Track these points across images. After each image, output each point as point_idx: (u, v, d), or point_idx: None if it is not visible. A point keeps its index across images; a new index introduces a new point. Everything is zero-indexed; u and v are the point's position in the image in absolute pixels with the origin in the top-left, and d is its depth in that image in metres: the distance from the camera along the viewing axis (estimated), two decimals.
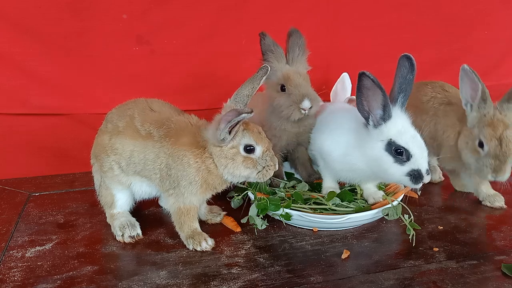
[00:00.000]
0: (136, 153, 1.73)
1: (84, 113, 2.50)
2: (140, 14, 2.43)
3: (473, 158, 1.89)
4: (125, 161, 1.75)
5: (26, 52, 2.32)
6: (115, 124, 1.78)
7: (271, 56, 1.97)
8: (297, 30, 2.00)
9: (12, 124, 2.43)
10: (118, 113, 1.80)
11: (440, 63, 3.01)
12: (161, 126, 1.72)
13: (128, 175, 1.79)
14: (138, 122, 1.73)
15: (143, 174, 1.76)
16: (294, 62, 1.97)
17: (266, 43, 1.98)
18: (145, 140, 1.72)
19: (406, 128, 1.70)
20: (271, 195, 1.95)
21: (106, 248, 1.75)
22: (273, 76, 1.97)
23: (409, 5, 2.84)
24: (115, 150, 1.76)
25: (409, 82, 1.73)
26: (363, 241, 1.79)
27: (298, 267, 1.63)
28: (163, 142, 1.70)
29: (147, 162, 1.72)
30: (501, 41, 3.07)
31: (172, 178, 1.70)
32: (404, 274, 1.59)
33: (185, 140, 1.69)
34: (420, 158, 1.68)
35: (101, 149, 1.80)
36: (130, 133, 1.73)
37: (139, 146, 1.72)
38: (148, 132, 1.71)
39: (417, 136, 1.70)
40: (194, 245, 1.72)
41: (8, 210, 2.03)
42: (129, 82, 2.51)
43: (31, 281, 1.55)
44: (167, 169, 1.70)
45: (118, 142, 1.75)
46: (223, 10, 2.53)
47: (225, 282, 1.54)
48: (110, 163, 1.78)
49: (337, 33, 2.71)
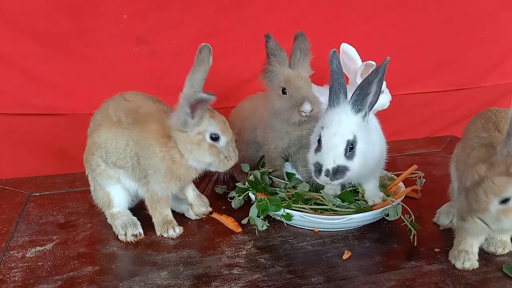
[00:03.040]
0: (109, 141, 1.76)
1: (84, 113, 2.49)
2: (140, 14, 2.43)
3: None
4: (105, 152, 1.78)
5: (26, 52, 2.32)
6: (95, 120, 1.84)
7: (273, 59, 1.98)
8: (303, 33, 2.00)
9: (12, 124, 2.42)
10: (98, 110, 1.86)
11: (440, 63, 3.01)
12: (129, 113, 1.75)
13: (114, 167, 1.81)
14: (111, 110, 1.78)
15: (118, 165, 1.78)
16: (296, 65, 1.97)
17: (270, 46, 1.99)
18: (116, 127, 1.74)
19: (335, 124, 1.70)
20: (272, 195, 1.95)
21: (106, 248, 1.75)
22: (275, 79, 1.97)
23: (409, 5, 2.84)
24: (96, 144, 1.79)
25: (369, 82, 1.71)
26: (364, 242, 1.79)
27: (299, 268, 1.63)
28: (131, 129, 1.73)
29: (118, 150, 1.75)
30: (501, 41, 3.07)
31: (142, 166, 1.74)
32: (406, 275, 1.59)
33: (152, 127, 1.71)
34: (325, 154, 1.69)
35: (87, 150, 1.85)
36: (105, 123, 1.78)
37: (111, 134, 1.75)
38: (118, 118, 1.75)
39: (337, 135, 1.69)
40: (162, 231, 1.80)
41: (8, 210, 2.03)
42: (129, 82, 2.50)
43: (31, 281, 1.55)
44: (137, 157, 1.74)
45: (97, 136, 1.79)
46: (223, 10, 2.53)
47: (226, 283, 1.54)
48: (96, 159, 1.81)
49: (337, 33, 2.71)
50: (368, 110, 1.75)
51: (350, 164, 1.70)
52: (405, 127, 2.97)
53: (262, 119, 2.09)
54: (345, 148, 1.68)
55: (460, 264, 1.62)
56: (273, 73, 1.99)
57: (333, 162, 1.69)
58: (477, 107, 3.16)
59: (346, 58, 2.40)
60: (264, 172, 2.07)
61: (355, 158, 1.71)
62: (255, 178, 2.03)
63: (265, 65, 2.01)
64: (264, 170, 2.07)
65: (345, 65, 2.40)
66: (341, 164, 1.69)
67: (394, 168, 2.17)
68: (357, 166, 1.71)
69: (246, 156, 2.20)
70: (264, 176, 2.06)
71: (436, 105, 3.10)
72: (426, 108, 3.09)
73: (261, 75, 2.04)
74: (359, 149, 1.71)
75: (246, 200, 2.01)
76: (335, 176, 1.70)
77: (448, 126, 3.09)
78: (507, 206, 1.44)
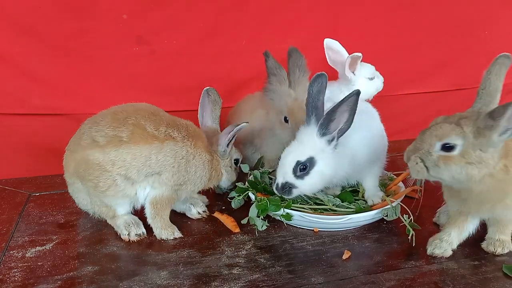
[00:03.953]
0: (154, 155, 1.74)
1: (84, 113, 2.48)
2: (140, 14, 2.42)
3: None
4: (137, 169, 1.73)
5: (26, 52, 2.31)
6: (112, 136, 1.71)
7: (273, 79, 1.98)
8: (296, 49, 2.00)
9: (12, 124, 2.42)
10: (110, 125, 1.73)
11: (440, 63, 3.00)
12: (178, 128, 1.82)
13: (136, 183, 1.77)
14: (150, 127, 1.75)
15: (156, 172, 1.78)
16: (296, 84, 1.97)
17: (269, 65, 1.99)
18: (163, 142, 1.76)
19: (293, 143, 1.81)
20: (271, 195, 1.95)
21: (106, 248, 1.75)
22: (276, 99, 1.98)
23: (409, 5, 2.83)
24: (121, 162, 1.71)
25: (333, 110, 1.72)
26: (364, 242, 1.79)
27: (299, 268, 1.63)
28: (185, 142, 1.82)
29: (165, 161, 1.77)
30: (501, 41, 3.07)
31: (188, 174, 1.84)
32: (405, 275, 1.59)
33: (201, 143, 1.88)
34: (278, 169, 1.82)
35: (91, 167, 1.72)
36: (142, 139, 1.72)
37: (157, 148, 1.75)
38: (168, 134, 1.78)
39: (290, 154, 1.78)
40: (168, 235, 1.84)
41: (8, 210, 2.03)
42: (129, 82, 2.51)
43: (31, 281, 1.55)
44: (185, 166, 1.82)
45: (125, 153, 1.71)
46: (223, 10, 2.53)
47: (226, 283, 1.54)
48: (113, 178, 1.72)
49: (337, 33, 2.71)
50: (337, 136, 1.76)
51: (299, 183, 1.77)
52: (405, 127, 2.96)
53: (260, 122, 2.10)
54: (293, 168, 1.76)
55: (431, 249, 1.68)
56: (274, 93, 1.99)
57: (282, 178, 1.79)
58: None
59: (332, 53, 2.43)
60: (264, 172, 2.07)
61: (307, 179, 1.76)
62: (255, 178, 2.03)
63: (265, 84, 2.01)
64: (264, 170, 2.08)
65: (332, 59, 2.43)
66: (289, 181, 1.77)
67: (394, 168, 2.17)
68: (307, 186, 1.78)
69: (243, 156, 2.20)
70: (264, 176, 2.06)
71: (436, 105, 3.10)
72: (426, 108, 3.08)
73: (263, 92, 2.04)
74: (317, 171, 1.76)
75: (246, 200, 2.01)
76: (282, 190, 1.79)
77: None
78: (448, 154, 1.50)
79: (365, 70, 2.44)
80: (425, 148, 1.53)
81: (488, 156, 1.48)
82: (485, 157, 1.48)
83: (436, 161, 1.52)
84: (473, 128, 1.47)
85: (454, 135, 1.48)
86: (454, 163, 1.49)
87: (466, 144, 1.48)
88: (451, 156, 1.50)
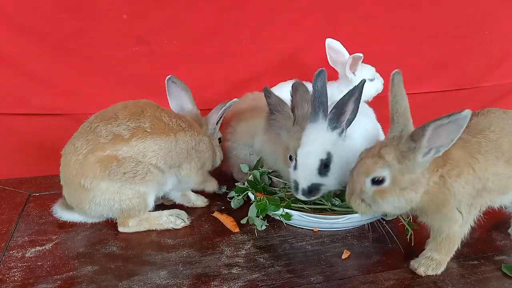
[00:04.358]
0: (174, 146, 1.84)
1: (84, 113, 2.48)
2: (140, 14, 2.42)
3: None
4: (163, 159, 1.82)
5: (26, 52, 2.32)
6: (135, 127, 1.76)
7: (279, 116, 1.96)
8: (302, 83, 1.98)
9: (12, 124, 2.42)
10: (129, 118, 1.77)
11: (440, 63, 3.00)
12: (182, 118, 1.92)
13: (165, 173, 1.86)
14: (166, 118, 1.85)
15: (176, 165, 1.89)
16: (303, 118, 1.90)
17: (272, 102, 1.98)
18: (176, 133, 1.85)
19: (309, 143, 1.76)
20: (271, 195, 1.95)
21: (106, 248, 1.75)
22: (284, 135, 1.95)
23: (409, 5, 2.83)
24: (151, 153, 1.78)
25: (343, 102, 1.75)
26: (363, 241, 1.79)
27: (298, 267, 1.63)
28: (191, 131, 1.92)
29: (182, 151, 1.88)
30: (501, 41, 3.07)
31: (200, 159, 1.97)
32: (405, 274, 1.59)
33: (198, 129, 2.00)
34: (300, 173, 1.77)
35: (124, 160, 1.73)
36: (161, 131, 1.81)
37: (174, 140, 1.85)
38: (179, 125, 1.88)
39: (311, 155, 1.74)
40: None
41: (8, 210, 2.03)
42: (129, 82, 2.51)
43: (31, 281, 1.55)
44: (195, 152, 1.93)
45: (152, 143, 1.78)
46: (223, 11, 2.53)
47: (226, 282, 1.54)
48: (148, 167, 1.78)
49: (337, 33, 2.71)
50: (346, 126, 1.79)
51: (324, 180, 1.76)
52: None
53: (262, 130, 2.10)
54: (318, 167, 1.74)
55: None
56: (281, 128, 1.97)
57: (306, 181, 1.77)
58: (477, 107, 3.15)
59: (333, 53, 2.44)
60: (263, 172, 2.07)
61: (330, 174, 1.76)
62: (255, 178, 2.03)
63: (269, 119, 2.00)
64: (263, 170, 2.08)
65: (333, 59, 2.45)
66: (315, 182, 1.76)
67: None
68: (332, 181, 1.78)
69: (238, 156, 2.21)
70: (264, 176, 2.06)
71: (436, 105, 3.10)
72: (426, 108, 3.08)
73: (266, 124, 2.04)
74: (335, 164, 1.76)
75: (245, 200, 2.01)
76: (310, 194, 1.77)
77: None
78: (381, 188, 1.48)
79: (366, 71, 2.45)
80: (358, 188, 1.52)
81: (419, 176, 1.46)
82: (416, 178, 1.46)
83: (373, 197, 1.51)
84: (395, 154, 1.46)
85: (379, 168, 1.47)
86: (390, 194, 1.48)
87: (393, 171, 1.46)
88: (384, 188, 1.48)
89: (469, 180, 1.49)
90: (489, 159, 1.52)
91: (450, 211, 1.51)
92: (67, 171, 1.77)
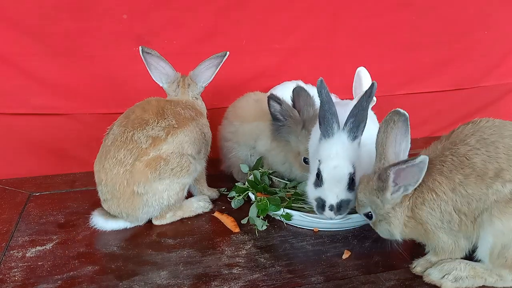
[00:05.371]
0: (194, 135, 1.93)
1: (84, 113, 2.49)
2: (140, 14, 2.42)
3: None
4: (194, 148, 1.92)
5: (26, 52, 2.31)
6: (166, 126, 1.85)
7: (290, 121, 1.99)
8: (304, 89, 2.03)
9: (12, 124, 2.42)
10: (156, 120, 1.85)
11: (440, 63, 3.00)
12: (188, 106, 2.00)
13: (196, 160, 1.96)
14: (181, 110, 1.94)
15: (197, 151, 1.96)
16: (310, 121, 1.95)
17: (284, 108, 1.99)
18: (191, 124, 1.94)
19: (333, 156, 1.65)
20: (271, 195, 1.95)
21: (106, 248, 1.75)
22: (293, 141, 1.99)
23: (408, 5, 2.83)
24: (186, 144, 1.89)
25: (362, 108, 1.65)
26: (364, 241, 1.79)
27: (299, 267, 1.63)
28: (199, 118, 2.02)
29: (196, 139, 1.94)
30: (501, 41, 3.07)
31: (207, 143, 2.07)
32: (405, 275, 1.59)
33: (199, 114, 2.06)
34: (327, 190, 1.66)
35: (170, 158, 1.83)
36: (184, 123, 1.91)
37: (193, 130, 1.94)
38: (190, 115, 1.97)
39: (338, 170, 1.64)
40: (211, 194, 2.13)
41: (8, 210, 2.03)
42: (129, 82, 2.50)
43: (31, 281, 1.55)
44: (203, 136, 2.00)
45: (182, 135, 1.88)
46: (223, 10, 2.53)
47: (226, 282, 1.54)
48: (188, 158, 1.89)
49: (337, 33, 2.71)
50: (361, 134, 1.69)
51: (352, 195, 1.69)
52: None
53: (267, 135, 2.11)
54: (348, 182, 1.66)
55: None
56: (290, 134, 2.00)
57: (336, 197, 1.67)
58: (477, 107, 3.18)
59: (356, 82, 2.25)
60: (264, 172, 2.07)
61: (355, 187, 1.68)
62: (255, 178, 2.03)
63: (277, 124, 2.02)
64: (264, 170, 2.08)
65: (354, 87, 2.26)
66: (344, 199, 1.68)
67: None
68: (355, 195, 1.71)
69: (238, 156, 2.21)
70: (264, 176, 2.06)
71: (436, 105, 3.10)
72: (426, 108, 3.08)
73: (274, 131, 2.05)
74: (357, 176, 1.67)
75: (246, 200, 2.02)
76: (339, 211, 1.68)
77: (448, 126, 3.08)
78: (372, 220, 1.63)
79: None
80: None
81: (389, 211, 1.56)
82: (385, 213, 1.56)
83: (373, 226, 1.66)
84: (370, 192, 1.55)
85: (360, 208, 1.64)
86: (379, 224, 1.61)
87: (374, 207, 1.58)
88: (373, 221, 1.63)
89: (434, 206, 1.48)
90: (453, 179, 1.45)
91: (433, 236, 1.53)
92: (116, 184, 1.79)
